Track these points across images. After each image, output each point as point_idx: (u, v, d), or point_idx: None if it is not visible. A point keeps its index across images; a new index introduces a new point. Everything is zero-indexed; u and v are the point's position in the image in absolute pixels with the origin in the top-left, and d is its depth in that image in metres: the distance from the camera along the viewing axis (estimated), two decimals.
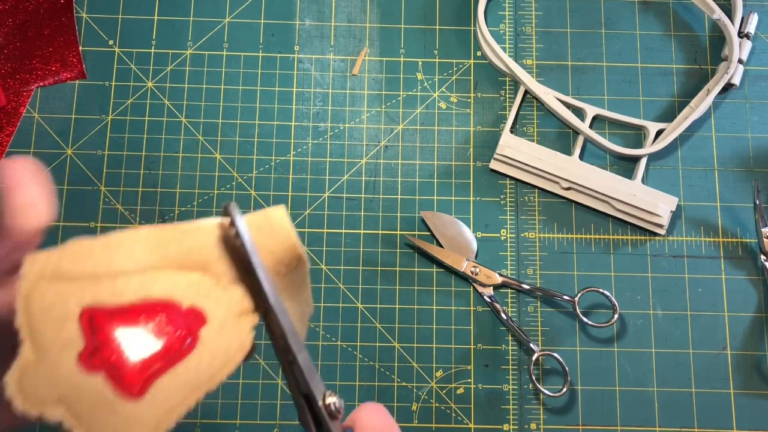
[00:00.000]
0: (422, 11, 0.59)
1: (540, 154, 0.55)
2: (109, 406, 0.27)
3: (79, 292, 0.29)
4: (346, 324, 0.53)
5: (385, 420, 0.32)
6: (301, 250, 0.32)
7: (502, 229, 0.55)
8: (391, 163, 0.56)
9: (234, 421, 0.52)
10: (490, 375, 0.53)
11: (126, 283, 0.29)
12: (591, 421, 0.52)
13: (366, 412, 0.32)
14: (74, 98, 0.57)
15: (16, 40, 0.57)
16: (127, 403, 0.27)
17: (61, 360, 0.27)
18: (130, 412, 0.27)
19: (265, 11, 0.59)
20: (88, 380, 0.27)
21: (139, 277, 0.30)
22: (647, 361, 0.53)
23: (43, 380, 0.27)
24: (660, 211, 0.54)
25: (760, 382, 0.53)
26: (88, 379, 0.27)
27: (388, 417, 0.32)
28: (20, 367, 0.27)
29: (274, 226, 0.32)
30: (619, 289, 0.54)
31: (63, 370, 0.27)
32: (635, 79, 0.58)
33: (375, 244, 0.55)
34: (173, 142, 0.56)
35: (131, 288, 0.29)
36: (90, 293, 0.29)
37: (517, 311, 0.54)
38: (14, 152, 0.55)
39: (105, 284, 0.29)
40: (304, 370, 0.30)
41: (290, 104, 0.57)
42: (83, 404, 0.27)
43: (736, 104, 0.58)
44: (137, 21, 0.58)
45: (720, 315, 0.54)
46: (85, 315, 0.28)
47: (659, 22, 0.60)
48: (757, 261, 0.55)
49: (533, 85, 0.57)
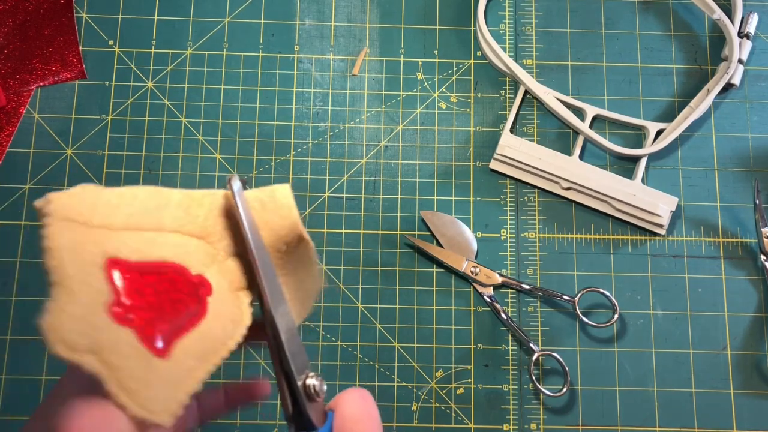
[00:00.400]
0: (422, 11, 0.59)
1: (540, 154, 0.55)
2: (144, 361, 0.26)
3: (102, 240, 0.28)
4: (346, 324, 0.53)
5: (368, 410, 0.30)
6: (302, 228, 0.32)
7: (502, 229, 0.55)
8: (391, 163, 0.56)
9: (234, 421, 0.52)
10: (490, 375, 0.53)
11: (141, 241, 0.29)
12: (591, 421, 0.52)
13: (349, 398, 0.30)
14: (74, 98, 0.57)
15: (16, 40, 0.57)
16: (158, 360, 0.27)
17: (91, 307, 0.26)
18: (161, 370, 0.27)
19: (265, 11, 0.59)
20: (119, 332, 0.26)
21: (152, 236, 0.30)
22: (647, 361, 0.53)
23: (75, 325, 0.26)
24: (660, 211, 0.54)
25: (760, 382, 0.53)
26: (120, 332, 0.26)
27: (371, 406, 0.30)
28: (53, 311, 0.25)
29: (278, 203, 0.32)
30: (619, 289, 0.54)
31: (94, 317, 0.26)
32: (635, 79, 0.58)
33: (375, 244, 0.55)
34: (173, 142, 0.56)
35: (146, 246, 0.29)
36: (110, 244, 0.28)
37: (517, 311, 0.54)
38: (14, 152, 0.55)
39: (122, 238, 0.29)
40: (287, 348, 0.29)
41: (290, 104, 0.57)
42: (115, 356, 0.26)
43: (736, 104, 0.58)
44: (137, 21, 0.58)
45: (720, 315, 0.54)
46: (109, 265, 0.28)
47: (659, 22, 0.60)
48: (757, 261, 0.55)
49: (533, 85, 0.57)
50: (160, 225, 0.30)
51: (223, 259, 0.31)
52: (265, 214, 0.32)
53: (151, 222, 0.30)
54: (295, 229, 0.32)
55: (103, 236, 0.28)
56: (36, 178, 0.55)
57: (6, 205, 0.54)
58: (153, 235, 0.30)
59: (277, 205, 0.32)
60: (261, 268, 0.30)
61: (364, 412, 0.30)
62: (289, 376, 0.30)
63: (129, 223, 0.30)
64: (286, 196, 0.32)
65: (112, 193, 0.30)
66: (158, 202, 0.31)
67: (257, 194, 0.32)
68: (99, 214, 0.29)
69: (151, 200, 0.31)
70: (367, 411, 0.30)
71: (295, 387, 0.29)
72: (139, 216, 0.30)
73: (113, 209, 0.29)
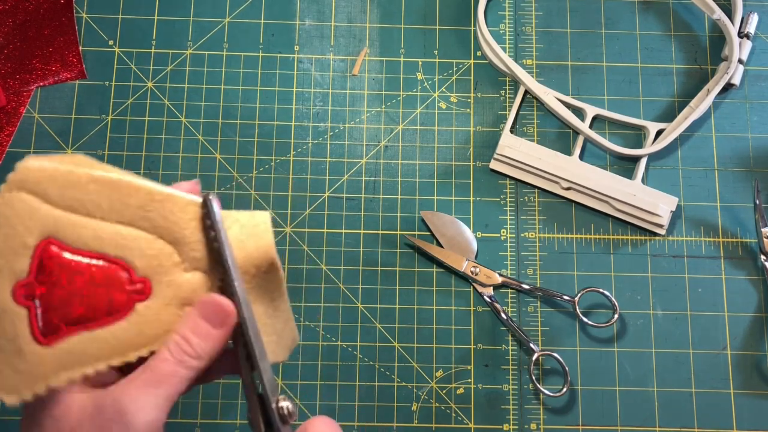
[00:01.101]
0: (422, 11, 0.59)
1: (540, 154, 0.55)
2: (20, 342, 0.27)
3: (50, 218, 0.28)
4: (346, 324, 0.53)
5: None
6: (275, 254, 0.32)
7: (502, 229, 0.55)
8: (391, 163, 0.56)
9: (234, 421, 0.52)
10: (490, 375, 0.53)
11: (95, 230, 0.29)
12: (591, 421, 0.52)
13: (319, 422, 0.31)
14: (74, 98, 0.57)
15: (16, 40, 0.57)
16: (35, 345, 0.27)
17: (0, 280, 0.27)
18: (33, 355, 0.27)
19: (265, 11, 0.59)
20: (12, 309, 0.27)
21: (110, 228, 0.29)
22: (647, 361, 0.53)
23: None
24: (660, 211, 0.54)
25: (760, 382, 0.53)
26: (13, 308, 0.27)
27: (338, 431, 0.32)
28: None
29: (257, 227, 0.32)
30: (619, 289, 0.54)
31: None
32: (635, 79, 0.58)
33: (375, 244, 0.55)
34: (173, 142, 0.56)
35: (97, 235, 0.29)
36: (57, 224, 0.28)
37: (517, 311, 0.54)
38: (14, 152, 0.55)
39: (75, 222, 0.29)
40: (262, 370, 0.30)
41: (290, 104, 0.57)
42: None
43: (736, 104, 0.58)
44: (137, 21, 0.58)
45: (720, 315, 0.54)
46: (42, 245, 0.28)
47: (659, 22, 0.60)
48: (757, 261, 0.55)
49: (533, 85, 0.57)
50: (132, 221, 0.30)
51: (185, 270, 0.31)
52: (240, 234, 0.31)
53: (123, 216, 0.30)
54: (269, 252, 0.32)
55: (54, 216, 0.29)
56: None
57: None
58: (116, 228, 0.30)
59: (256, 230, 0.32)
60: (237, 289, 0.30)
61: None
62: (264, 399, 0.30)
63: (95, 212, 0.29)
64: (265, 222, 0.32)
65: (93, 177, 0.29)
66: (138, 199, 0.30)
67: (236, 215, 0.32)
68: (65, 196, 0.29)
69: (131, 196, 0.30)
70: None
71: (269, 409, 0.30)
72: (112, 208, 0.30)
73: (84, 194, 0.29)
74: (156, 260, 0.30)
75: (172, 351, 0.29)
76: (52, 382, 0.28)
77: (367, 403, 0.52)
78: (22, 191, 0.29)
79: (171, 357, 0.29)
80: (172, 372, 0.29)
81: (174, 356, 0.29)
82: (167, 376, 0.29)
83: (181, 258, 0.31)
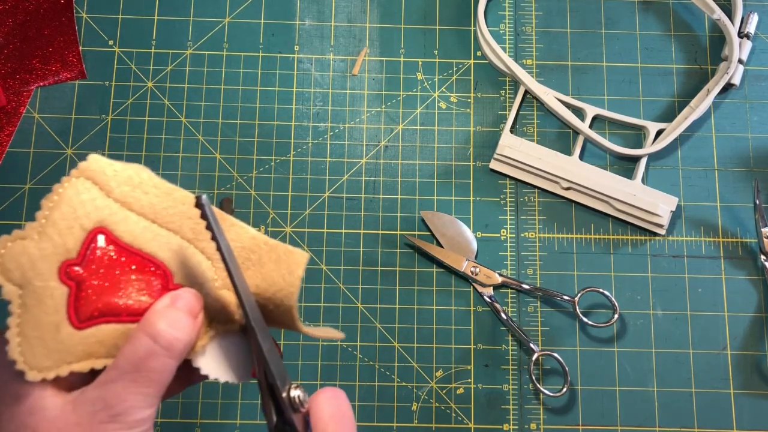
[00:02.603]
0: (422, 11, 0.59)
1: (540, 154, 0.55)
2: (56, 319, 0.28)
3: (107, 209, 0.30)
4: (346, 324, 0.53)
5: (340, 407, 0.30)
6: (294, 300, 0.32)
7: (502, 229, 0.55)
8: (391, 163, 0.56)
9: (234, 421, 0.52)
10: (490, 375, 0.53)
11: (145, 229, 0.30)
12: (591, 421, 0.52)
13: (322, 398, 0.30)
14: (74, 98, 0.57)
15: (16, 40, 0.57)
16: (69, 326, 0.28)
17: (48, 255, 0.28)
18: (66, 335, 0.28)
19: (265, 11, 0.59)
20: (55, 287, 0.28)
21: (158, 231, 0.31)
22: (647, 361, 0.53)
23: (22, 259, 0.28)
24: (660, 211, 0.54)
25: (760, 382, 0.53)
26: (56, 286, 0.28)
27: (344, 404, 0.31)
28: (16, 239, 0.28)
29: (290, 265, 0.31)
30: (619, 289, 0.54)
31: (43, 263, 0.28)
32: (635, 79, 0.58)
33: (375, 244, 0.55)
34: (173, 142, 0.56)
35: (145, 235, 0.30)
36: (112, 216, 0.30)
37: (517, 311, 0.54)
38: (14, 152, 0.55)
39: (128, 217, 0.30)
40: (270, 362, 0.30)
41: (290, 104, 0.57)
42: (35, 302, 0.28)
43: (736, 104, 0.58)
44: (137, 21, 0.58)
45: (720, 315, 0.54)
46: (95, 232, 0.30)
47: (659, 22, 0.60)
48: (757, 261, 0.55)
49: (533, 85, 0.57)
50: (179, 230, 0.31)
51: (218, 288, 0.31)
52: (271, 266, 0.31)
53: (172, 223, 0.31)
54: (290, 299, 0.31)
55: (111, 208, 0.30)
56: (36, 178, 0.55)
57: (6, 205, 0.54)
58: (164, 232, 0.31)
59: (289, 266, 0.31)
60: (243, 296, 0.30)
61: (336, 411, 0.30)
62: (274, 389, 0.30)
63: (149, 213, 0.31)
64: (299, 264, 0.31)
65: (155, 181, 0.31)
66: (189, 211, 0.31)
67: (276, 244, 0.32)
68: (125, 192, 0.31)
69: (184, 204, 0.31)
70: (339, 409, 0.30)
71: (280, 399, 0.30)
72: (165, 213, 0.31)
73: (142, 194, 0.31)
74: (194, 271, 0.31)
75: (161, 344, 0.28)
76: (76, 368, 0.28)
77: (367, 403, 0.52)
78: (88, 179, 0.30)
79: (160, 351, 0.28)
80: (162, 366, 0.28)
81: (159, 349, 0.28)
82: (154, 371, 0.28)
83: (216, 275, 0.31)
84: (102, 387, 0.27)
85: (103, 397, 0.27)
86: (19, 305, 0.28)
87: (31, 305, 0.28)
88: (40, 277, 0.28)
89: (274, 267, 0.31)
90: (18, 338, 0.28)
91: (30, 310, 0.28)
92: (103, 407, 0.27)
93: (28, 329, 0.28)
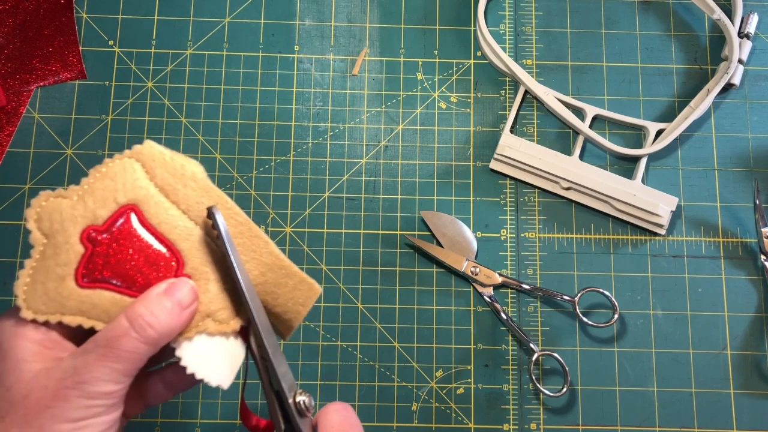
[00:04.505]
0: (422, 11, 0.59)
1: (540, 154, 0.55)
2: (64, 272, 0.31)
3: (144, 190, 0.32)
4: (346, 324, 0.53)
5: (349, 418, 0.32)
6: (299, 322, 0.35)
7: (502, 229, 0.55)
8: (391, 163, 0.56)
9: (234, 421, 0.52)
10: (490, 375, 0.53)
11: (174, 216, 0.32)
12: (591, 421, 0.52)
13: (331, 409, 0.32)
14: (74, 98, 0.57)
15: (16, 40, 0.57)
16: (72, 281, 0.31)
17: (77, 215, 0.31)
18: (67, 288, 0.31)
19: (265, 11, 0.59)
20: (74, 244, 0.31)
21: (185, 221, 0.33)
22: (647, 361, 0.53)
23: (53, 212, 0.31)
24: (660, 211, 0.54)
25: (760, 382, 0.53)
26: (74, 244, 0.31)
27: (352, 415, 0.33)
28: (58, 195, 0.32)
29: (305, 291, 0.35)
30: (619, 289, 0.54)
31: (70, 223, 0.31)
32: (635, 79, 0.58)
33: (375, 244, 0.55)
34: (173, 142, 0.56)
35: (172, 221, 0.32)
36: (147, 197, 0.32)
37: (517, 311, 0.54)
38: (14, 152, 0.55)
39: (161, 202, 0.32)
40: (276, 367, 0.31)
41: (290, 104, 0.57)
42: (52, 252, 0.31)
43: (736, 104, 0.58)
44: (137, 21, 0.58)
45: (720, 315, 0.54)
46: (127, 208, 0.32)
47: (659, 22, 0.60)
48: (757, 261, 0.55)
49: (533, 85, 0.57)
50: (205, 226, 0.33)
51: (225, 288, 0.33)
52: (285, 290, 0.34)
53: (200, 219, 0.33)
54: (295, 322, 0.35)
55: (148, 190, 0.32)
56: (36, 178, 0.55)
57: (6, 205, 0.54)
58: (191, 225, 0.33)
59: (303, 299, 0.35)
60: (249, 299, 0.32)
61: (345, 421, 0.32)
62: (280, 395, 0.31)
63: (181, 203, 0.33)
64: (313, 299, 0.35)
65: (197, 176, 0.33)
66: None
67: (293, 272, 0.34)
68: (166, 179, 0.33)
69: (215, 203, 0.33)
70: (348, 420, 0.32)
71: (286, 405, 0.31)
72: (197, 207, 0.33)
73: (181, 185, 0.33)
74: (204, 267, 0.32)
75: (135, 327, 0.30)
76: (65, 320, 0.30)
77: (367, 403, 0.52)
78: (138, 161, 0.33)
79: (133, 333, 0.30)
80: (132, 348, 0.30)
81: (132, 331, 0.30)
82: (123, 350, 0.30)
83: (227, 276, 0.33)
84: (76, 357, 0.30)
85: (74, 366, 0.29)
86: (39, 252, 0.31)
87: (48, 255, 0.31)
88: (64, 233, 0.31)
89: (288, 292, 0.34)
90: (27, 279, 0.31)
91: (46, 259, 0.31)
92: (71, 374, 0.29)
93: (38, 274, 0.31)
